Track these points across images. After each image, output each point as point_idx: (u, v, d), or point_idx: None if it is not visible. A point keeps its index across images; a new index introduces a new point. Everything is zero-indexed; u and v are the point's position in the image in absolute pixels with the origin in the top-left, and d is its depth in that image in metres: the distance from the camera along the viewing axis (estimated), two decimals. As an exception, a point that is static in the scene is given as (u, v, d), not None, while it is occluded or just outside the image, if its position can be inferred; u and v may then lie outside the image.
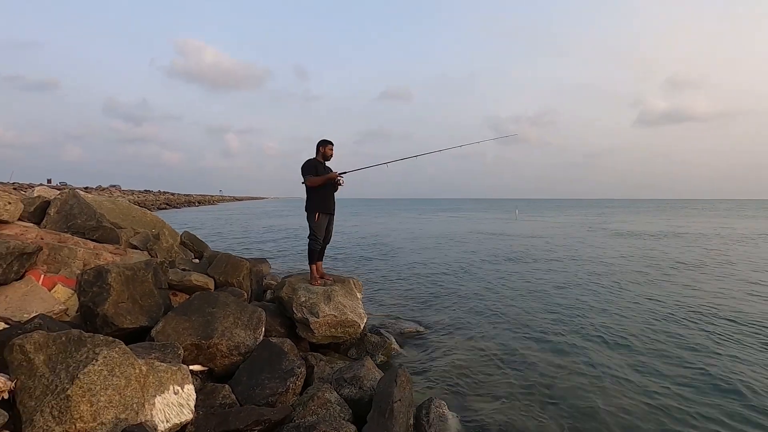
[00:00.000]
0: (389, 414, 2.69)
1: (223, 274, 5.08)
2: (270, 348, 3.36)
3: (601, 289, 8.08)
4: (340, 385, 3.25)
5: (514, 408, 3.54)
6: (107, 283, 3.31)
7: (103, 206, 6.12)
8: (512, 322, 5.95)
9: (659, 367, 4.33)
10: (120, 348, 2.26)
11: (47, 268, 3.99)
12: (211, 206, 63.31)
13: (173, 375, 2.41)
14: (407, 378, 3.11)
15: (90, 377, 2.08)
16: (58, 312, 3.50)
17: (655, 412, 3.47)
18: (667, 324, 5.78)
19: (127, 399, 2.15)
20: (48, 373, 2.11)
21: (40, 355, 2.16)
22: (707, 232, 21.29)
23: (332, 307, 4.32)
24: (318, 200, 4.75)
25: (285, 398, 2.96)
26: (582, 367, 4.37)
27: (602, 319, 6.02)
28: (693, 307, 6.62)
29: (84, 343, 2.22)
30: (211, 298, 3.59)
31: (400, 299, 7.40)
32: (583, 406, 3.56)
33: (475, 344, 5.08)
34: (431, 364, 4.50)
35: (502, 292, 7.89)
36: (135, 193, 56.32)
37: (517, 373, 4.23)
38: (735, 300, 7.07)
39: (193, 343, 3.15)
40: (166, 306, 3.72)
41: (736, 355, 4.64)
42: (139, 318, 3.36)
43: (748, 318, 5.97)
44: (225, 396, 2.83)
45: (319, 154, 4.84)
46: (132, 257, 4.74)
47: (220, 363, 3.26)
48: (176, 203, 57.63)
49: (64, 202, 5.27)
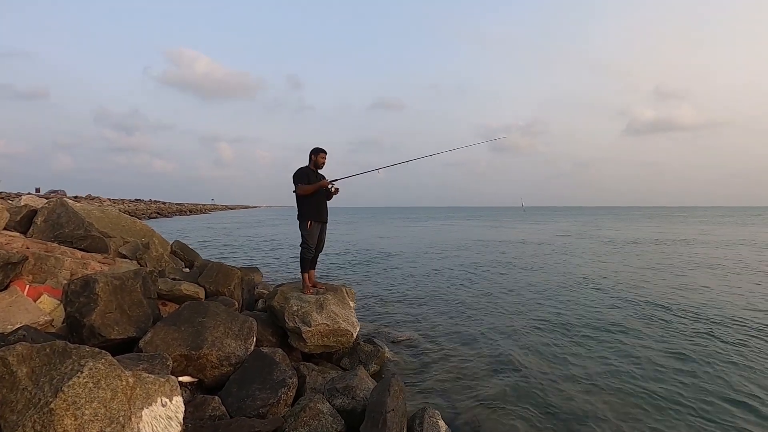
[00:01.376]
0: (382, 424, 2.66)
1: (213, 284, 5.02)
2: (261, 358, 3.31)
3: (592, 295, 8.12)
4: (333, 396, 3.21)
5: (508, 416, 3.52)
6: (94, 293, 3.25)
7: (92, 215, 6.04)
8: (505, 329, 5.94)
9: (653, 372, 4.35)
10: (106, 359, 2.20)
11: (33, 278, 3.92)
12: (202, 215, 62.79)
13: (161, 387, 2.36)
14: (400, 387, 3.07)
15: (74, 390, 2.02)
16: (44, 323, 3.43)
17: (648, 415, 3.47)
18: (662, 330, 5.81)
19: (113, 412, 2.10)
20: (31, 386, 2.05)
21: (23, 367, 2.09)
22: (690, 238, 21.64)
23: (325, 316, 4.28)
24: (310, 208, 4.73)
25: (276, 409, 2.91)
26: (575, 373, 4.37)
27: (594, 325, 6.03)
28: (683, 310, 6.68)
29: (69, 354, 2.16)
30: (201, 308, 3.54)
31: (393, 307, 7.36)
32: (577, 413, 3.55)
33: (469, 352, 5.06)
34: (425, 372, 4.47)
35: (494, 300, 7.89)
36: (125, 202, 55.74)
37: (511, 381, 4.21)
38: (724, 303, 7.14)
39: (182, 353, 3.10)
40: (155, 316, 3.66)
41: (728, 356, 4.68)
42: (127, 328, 3.30)
43: (738, 320, 6.03)
44: (215, 408, 2.78)
45: (312, 162, 4.83)
46: (121, 266, 4.67)
47: (210, 374, 3.20)
48: (167, 212, 57.08)
49: (51, 211, 5.20)
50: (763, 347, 5.07)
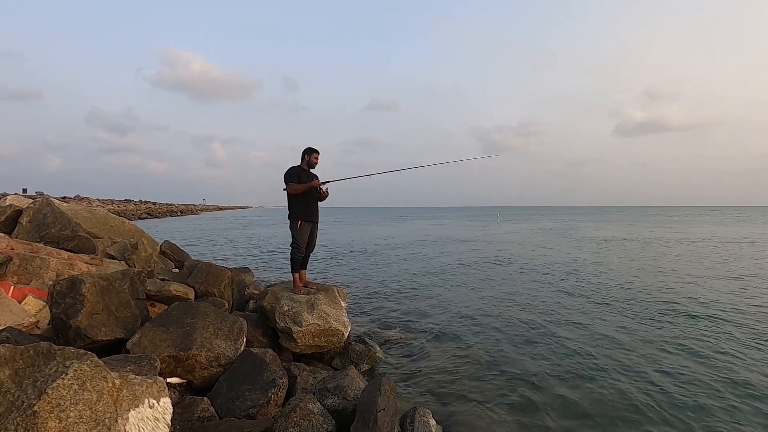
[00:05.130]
0: (373, 424, 2.65)
1: (203, 284, 4.97)
2: (251, 359, 3.29)
3: (581, 292, 8.19)
4: (324, 396, 3.20)
5: (499, 415, 3.53)
6: (81, 293, 3.20)
7: (79, 215, 5.95)
8: (496, 328, 5.97)
9: (644, 368, 4.39)
10: (92, 361, 2.17)
11: (17, 279, 3.85)
12: (194, 216, 62.22)
13: (148, 388, 2.32)
14: (391, 387, 3.07)
15: (59, 392, 1.98)
16: (29, 325, 3.37)
17: (640, 413, 3.50)
18: (646, 325, 5.88)
19: (98, 414, 2.06)
20: (14, 388, 2.01)
21: (6, 369, 2.05)
22: (681, 237, 21.96)
23: (316, 316, 4.26)
24: (300, 208, 4.70)
25: (266, 410, 2.89)
26: (566, 370, 4.40)
27: (584, 322, 6.08)
28: (672, 306, 6.76)
29: (53, 356, 2.13)
30: (191, 309, 3.51)
31: (385, 307, 7.36)
32: (568, 412, 3.57)
33: (460, 351, 5.07)
34: (416, 371, 4.47)
35: (485, 298, 7.92)
36: (115, 203, 55.02)
37: (503, 380, 4.23)
38: (713, 298, 7.25)
39: (170, 354, 3.06)
40: (144, 317, 3.61)
41: (718, 350, 4.75)
42: (114, 330, 3.26)
43: (726, 314, 6.13)
44: (204, 409, 2.75)
45: (304, 161, 4.80)
46: (109, 267, 4.61)
47: (200, 375, 3.17)
48: (158, 213, 56.45)
49: (37, 211, 5.11)
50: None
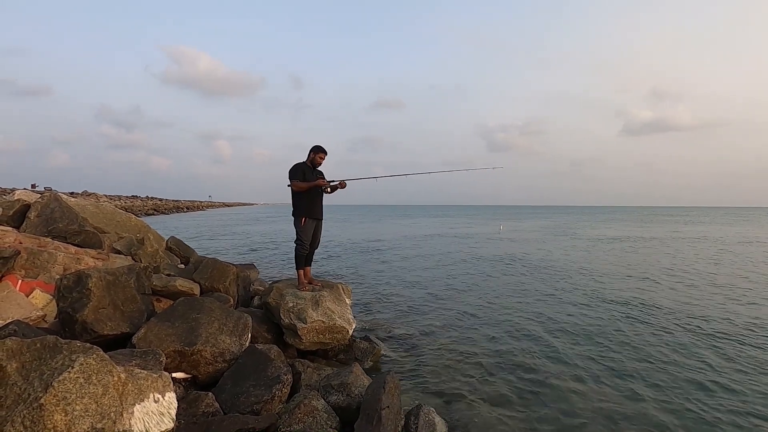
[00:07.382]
0: (377, 421, 2.64)
1: (208, 280, 4.99)
2: (256, 355, 3.29)
3: (588, 292, 8.13)
4: (328, 392, 3.19)
5: (503, 413, 3.51)
6: (87, 288, 3.22)
7: (86, 210, 5.99)
8: (501, 326, 5.94)
9: (647, 368, 4.35)
10: (98, 355, 2.18)
11: (25, 273, 3.88)
12: (200, 212, 62.55)
13: (154, 382, 2.33)
14: (396, 384, 3.06)
15: (65, 385, 1.99)
16: (36, 318, 3.40)
17: (639, 414, 3.47)
18: (652, 325, 5.82)
19: (104, 408, 2.07)
20: (21, 381, 2.02)
21: (13, 362, 2.06)
22: (690, 236, 21.76)
23: (320, 313, 4.26)
24: (304, 205, 4.70)
25: (270, 406, 2.89)
26: (570, 370, 4.36)
27: (589, 323, 6.04)
28: (671, 309, 6.70)
29: (60, 349, 2.14)
30: (196, 304, 3.52)
31: (389, 304, 7.35)
32: (570, 410, 3.54)
33: (464, 349, 5.05)
34: (420, 369, 4.46)
35: (490, 296, 7.88)
36: (122, 199, 55.48)
37: (507, 378, 4.21)
38: (707, 304, 7.17)
39: (176, 349, 3.07)
40: (149, 312, 3.63)
41: (715, 353, 4.70)
42: (120, 324, 3.27)
43: (722, 319, 6.06)
44: (208, 404, 2.76)
45: (309, 159, 4.79)
46: (115, 262, 4.63)
47: (204, 370, 3.18)
48: (164, 209, 56.84)
49: (44, 205, 5.15)
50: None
